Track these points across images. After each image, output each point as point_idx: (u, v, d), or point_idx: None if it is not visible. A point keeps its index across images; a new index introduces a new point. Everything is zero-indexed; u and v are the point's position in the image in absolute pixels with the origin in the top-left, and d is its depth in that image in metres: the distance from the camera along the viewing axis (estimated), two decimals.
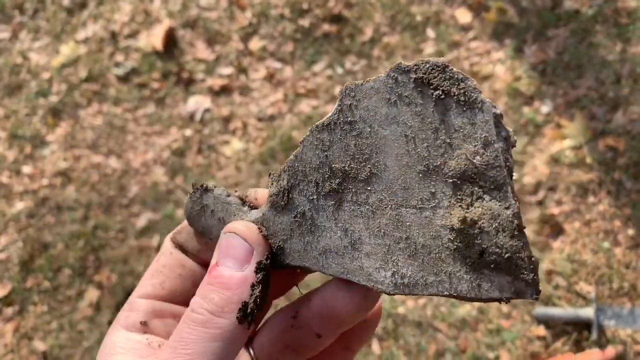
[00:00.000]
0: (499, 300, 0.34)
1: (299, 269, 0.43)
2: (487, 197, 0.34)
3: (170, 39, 2.50)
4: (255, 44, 2.43)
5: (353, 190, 0.39)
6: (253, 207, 0.46)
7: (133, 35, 2.58)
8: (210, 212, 0.47)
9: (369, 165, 0.38)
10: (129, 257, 2.09)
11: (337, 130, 0.40)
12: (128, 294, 1.91)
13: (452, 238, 0.35)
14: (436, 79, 0.35)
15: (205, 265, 0.47)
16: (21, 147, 2.41)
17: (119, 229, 2.15)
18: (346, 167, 0.39)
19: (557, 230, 1.86)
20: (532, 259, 0.33)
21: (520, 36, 2.19)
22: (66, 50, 2.59)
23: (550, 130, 2.00)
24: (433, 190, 0.36)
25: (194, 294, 0.45)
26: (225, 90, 2.35)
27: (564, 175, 1.92)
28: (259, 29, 2.47)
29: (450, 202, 0.35)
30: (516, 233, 0.33)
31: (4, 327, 2.05)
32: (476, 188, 0.35)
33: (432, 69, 0.36)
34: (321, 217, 0.41)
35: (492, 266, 0.34)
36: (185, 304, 0.45)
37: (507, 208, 0.34)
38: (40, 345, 1.99)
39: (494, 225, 0.34)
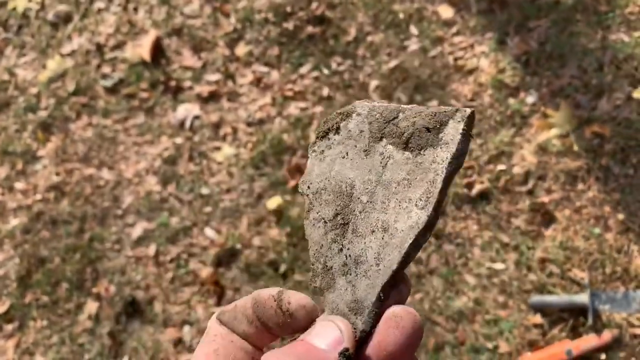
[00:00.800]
0: (466, 133, 0.44)
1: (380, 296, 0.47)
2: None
3: (157, 49, 2.51)
4: (241, 49, 2.44)
5: (358, 212, 0.48)
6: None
7: (119, 46, 2.58)
8: None
9: (347, 194, 0.49)
10: (126, 267, 2.10)
11: (315, 203, 0.50)
12: (127, 304, 1.92)
13: (415, 152, 0.46)
14: (326, 124, 0.51)
15: (255, 345, 0.48)
16: (13, 163, 2.41)
17: (114, 240, 2.16)
18: (338, 209, 0.49)
19: (548, 219, 1.88)
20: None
21: (502, 29, 2.22)
22: (53, 64, 2.59)
23: (536, 120, 2.03)
24: (382, 152, 0.47)
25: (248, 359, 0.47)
26: (213, 97, 2.36)
27: (552, 164, 1.94)
28: (244, 34, 2.48)
29: (390, 142, 0.48)
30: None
31: (5, 344, 2.05)
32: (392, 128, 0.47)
33: (324, 124, 0.51)
34: (355, 246, 0.47)
35: (439, 127, 0.45)
36: None
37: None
38: None
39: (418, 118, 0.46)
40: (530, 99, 2.06)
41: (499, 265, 1.85)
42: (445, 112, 0.45)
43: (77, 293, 2.09)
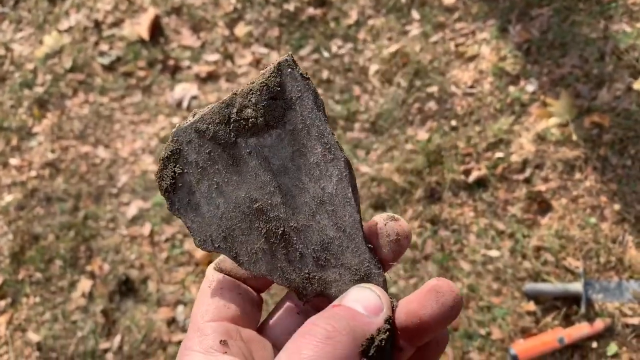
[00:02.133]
0: (303, 74, 0.43)
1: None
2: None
3: (156, 27, 2.49)
4: (240, 29, 2.42)
5: (283, 214, 0.45)
6: None
7: (117, 24, 2.56)
8: None
9: (256, 210, 0.46)
10: (120, 246, 2.09)
11: (235, 247, 0.47)
12: (121, 282, 1.91)
13: (280, 124, 0.44)
14: (163, 178, 0.46)
15: (255, 289, 0.49)
16: (7, 138, 2.39)
17: (109, 218, 2.15)
18: (264, 230, 0.46)
19: (544, 207, 1.88)
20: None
21: (504, 16, 2.20)
22: (49, 40, 2.56)
23: (536, 108, 2.02)
24: (249, 151, 0.45)
25: (255, 316, 0.47)
26: (211, 77, 2.35)
27: (550, 153, 1.94)
28: (244, 14, 2.46)
29: (248, 135, 0.44)
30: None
31: None
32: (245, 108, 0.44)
33: (160, 179, 0.47)
34: (310, 239, 0.46)
35: (280, 89, 0.43)
36: (249, 326, 0.46)
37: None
38: (34, 337, 1.99)
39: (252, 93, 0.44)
40: (531, 88, 2.06)
41: (494, 253, 1.86)
42: (271, 74, 0.43)
43: (71, 270, 2.08)
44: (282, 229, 0.45)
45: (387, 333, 0.41)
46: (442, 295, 0.42)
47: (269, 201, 0.45)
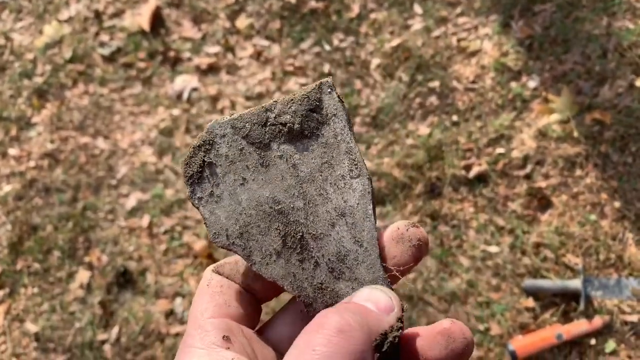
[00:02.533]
0: (340, 97, 0.47)
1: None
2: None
3: (156, 18, 2.47)
4: (242, 21, 2.41)
5: (303, 219, 0.46)
6: None
7: (118, 14, 2.54)
8: None
9: (277, 212, 0.47)
10: (119, 237, 2.09)
11: (249, 244, 0.48)
12: (119, 274, 1.90)
13: (314, 136, 0.47)
14: (191, 165, 0.47)
15: (258, 298, 0.48)
16: (6, 128, 2.38)
17: (108, 209, 2.15)
18: (282, 231, 0.47)
19: (545, 204, 1.88)
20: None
21: (507, 12, 2.19)
22: (50, 30, 2.55)
23: (537, 104, 2.01)
24: (280, 155, 0.47)
25: (254, 318, 0.47)
26: (212, 69, 2.34)
27: (551, 149, 1.94)
28: (245, 6, 2.44)
29: (282, 140, 0.47)
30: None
31: None
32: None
33: (187, 166, 0.48)
34: (327, 248, 0.46)
35: (319, 104, 0.47)
36: (248, 325, 0.46)
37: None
38: (31, 327, 1.99)
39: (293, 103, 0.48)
40: (532, 84, 2.05)
41: (493, 248, 1.85)
42: (312, 89, 0.47)
43: (69, 261, 2.08)
44: (300, 233, 0.46)
45: (400, 331, 0.41)
46: (453, 341, 0.41)
47: (292, 205, 0.46)
